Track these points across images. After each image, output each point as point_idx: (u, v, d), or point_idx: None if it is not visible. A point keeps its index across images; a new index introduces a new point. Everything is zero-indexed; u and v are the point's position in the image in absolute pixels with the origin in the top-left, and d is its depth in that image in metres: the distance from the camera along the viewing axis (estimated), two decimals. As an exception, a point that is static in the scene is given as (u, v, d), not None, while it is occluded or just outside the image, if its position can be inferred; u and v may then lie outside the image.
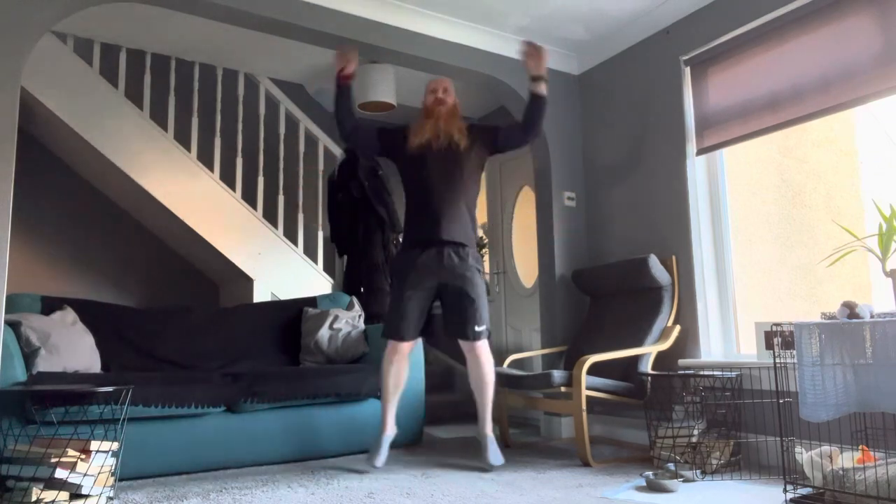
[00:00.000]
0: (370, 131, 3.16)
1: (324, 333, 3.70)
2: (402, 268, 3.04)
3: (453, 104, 3.12)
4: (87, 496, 2.26)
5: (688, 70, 3.61)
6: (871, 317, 2.15)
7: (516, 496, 2.44)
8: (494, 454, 2.93)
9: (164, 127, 4.37)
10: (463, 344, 3.00)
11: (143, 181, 4.09)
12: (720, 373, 2.96)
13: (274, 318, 3.87)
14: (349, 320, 3.81)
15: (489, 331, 3.01)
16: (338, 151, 4.88)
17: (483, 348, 2.99)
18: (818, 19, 3.00)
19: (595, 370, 3.30)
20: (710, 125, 3.47)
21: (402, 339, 2.98)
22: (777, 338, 2.38)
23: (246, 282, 4.51)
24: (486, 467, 2.91)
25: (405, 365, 3.04)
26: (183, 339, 3.60)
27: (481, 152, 3.13)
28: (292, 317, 3.89)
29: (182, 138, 4.58)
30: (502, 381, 3.38)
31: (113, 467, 2.39)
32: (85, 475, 2.25)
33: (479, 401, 3.04)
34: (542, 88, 3.04)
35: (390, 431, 3.01)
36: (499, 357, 4.98)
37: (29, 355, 2.83)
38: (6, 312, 3.07)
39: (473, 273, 2.99)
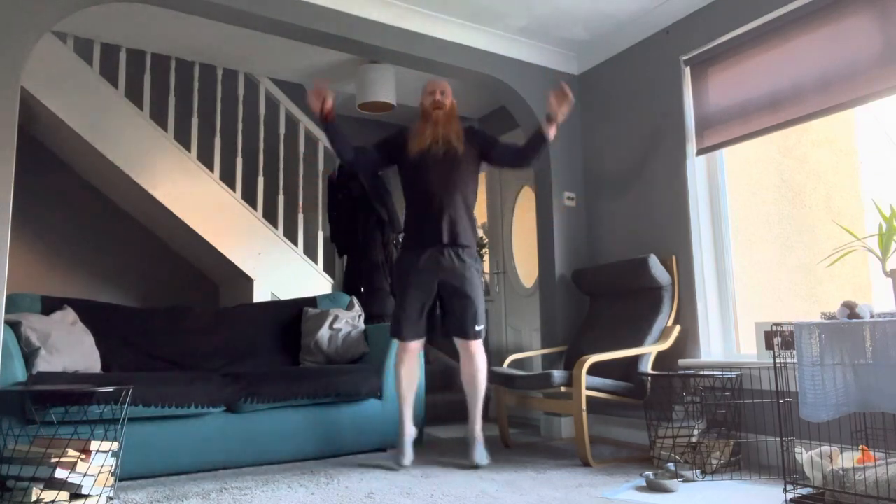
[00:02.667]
0: (369, 152, 3.18)
1: (324, 333, 3.70)
2: (404, 269, 3.08)
3: (451, 106, 3.15)
4: (87, 496, 2.26)
5: (688, 70, 3.61)
6: (871, 317, 2.15)
7: (516, 496, 2.44)
8: (481, 454, 2.99)
9: (164, 127, 4.37)
10: (459, 342, 3.05)
11: (142, 181, 4.09)
12: (720, 373, 2.96)
13: (274, 318, 3.87)
14: (349, 320, 3.81)
15: (486, 331, 3.05)
16: (338, 151, 4.87)
17: (478, 347, 3.05)
18: (818, 19, 3.00)
19: (595, 370, 3.30)
20: (710, 125, 3.46)
21: (407, 338, 3.03)
22: (777, 338, 2.38)
23: (246, 282, 4.50)
24: (470, 464, 2.97)
25: (416, 364, 3.10)
26: (183, 339, 3.60)
27: (477, 156, 3.17)
28: (292, 317, 3.89)
29: (182, 138, 4.58)
30: (502, 380, 3.38)
31: (113, 467, 2.39)
32: (85, 475, 2.25)
33: (471, 399, 3.08)
34: (552, 132, 3.04)
35: (409, 432, 3.06)
36: (499, 357, 4.98)
37: (29, 355, 2.83)
38: (6, 312, 3.07)
39: (472, 273, 3.05)
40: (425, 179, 3.06)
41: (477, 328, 3.01)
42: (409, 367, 3.06)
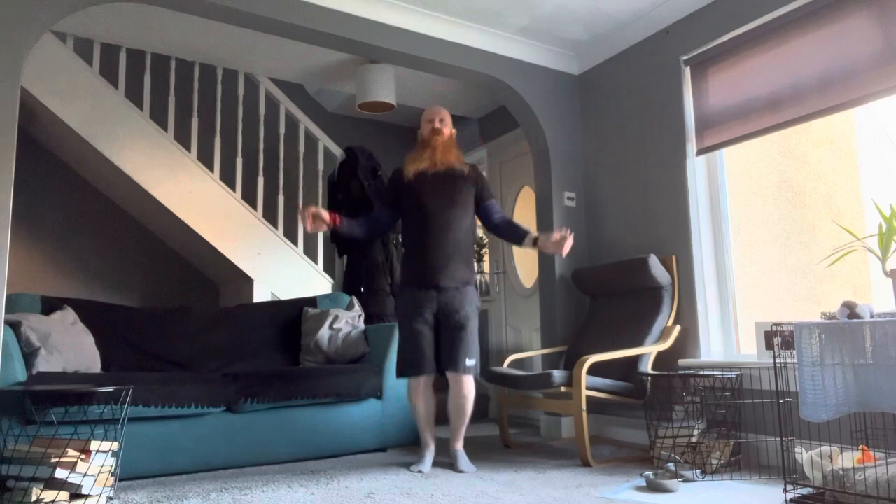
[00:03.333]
0: (380, 211, 3.18)
1: (324, 333, 3.70)
2: (405, 304, 3.04)
3: (450, 135, 3.12)
4: (87, 496, 2.26)
5: (688, 70, 3.61)
6: (871, 317, 2.15)
7: (516, 496, 2.44)
8: (465, 464, 2.96)
9: (164, 127, 4.37)
10: (451, 375, 2.98)
11: (143, 181, 4.09)
12: (720, 373, 2.96)
13: (274, 318, 3.87)
14: (349, 320, 3.81)
15: (478, 367, 3.00)
16: (338, 151, 4.88)
17: (469, 382, 2.99)
18: (818, 19, 3.00)
19: (595, 370, 3.30)
20: (710, 125, 3.47)
21: (420, 374, 2.98)
22: (777, 338, 2.38)
23: (246, 282, 4.51)
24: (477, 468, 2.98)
25: (430, 393, 3.06)
26: (183, 339, 3.60)
27: (474, 192, 3.12)
28: (292, 317, 3.89)
29: (182, 138, 4.59)
30: (502, 380, 3.38)
31: (113, 467, 2.39)
32: (85, 475, 2.25)
33: (454, 423, 3.05)
34: (535, 243, 3.00)
35: (432, 448, 3.06)
36: (499, 357, 4.98)
37: (29, 355, 2.83)
38: (6, 312, 3.07)
39: (471, 308, 3.01)
40: (423, 206, 3.01)
41: (468, 363, 2.94)
42: (426, 398, 3.04)
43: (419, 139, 3.14)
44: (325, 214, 2.89)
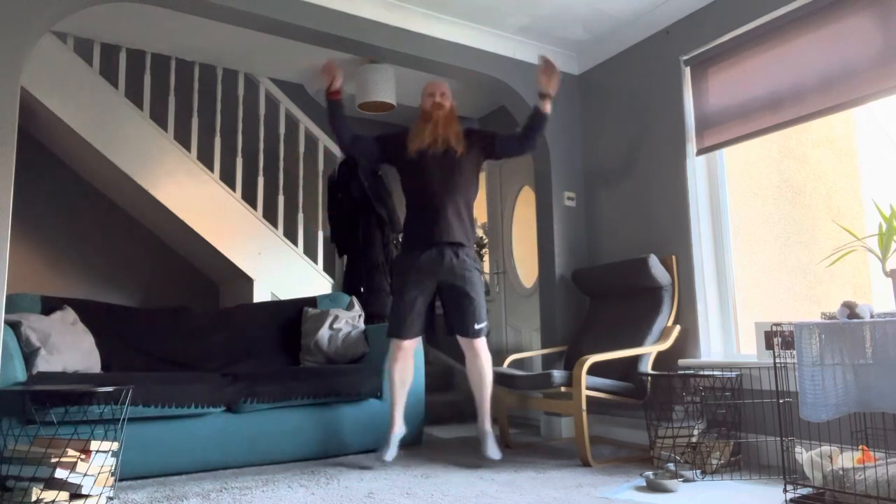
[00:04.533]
0: (368, 140, 3.21)
1: (324, 333, 3.70)
2: (402, 268, 3.11)
3: (451, 108, 3.17)
4: (87, 496, 2.26)
5: (688, 70, 3.61)
6: (871, 317, 2.15)
7: (516, 496, 2.44)
8: (492, 448, 3.03)
9: (164, 127, 4.37)
10: (462, 341, 3.08)
11: (142, 181, 4.09)
12: (720, 373, 2.96)
13: (274, 318, 3.87)
14: (349, 320, 3.81)
15: (488, 328, 3.07)
16: (338, 151, 4.88)
17: (482, 345, 3.08)
18: (818, 19, 3.00)
19: (595, 370, 3.30)
20: (710, 125, 3.47)
21: (402, 337, 3.05)
22: (777, 338, 2.38)
23: (246, 282, 4.51)
24: (481, 462, 3.02)
25: (410, 363, 3.13)
26: (183, 339, 3.60)
27: (478, 156, 3.20)
28: (292, 317, 3.89)
29: (182, 138, 4.58)
30: (502, 381, 3.38)
31: (113, 467, 2.39)
32: (85, 475, 2.25)
33: (478, 397, 3.12)
34: (548, 107, 3.12)
35: (398, 430, 3.09)
36: (499, 357, 4.98)
37: (29, 355, 2.83)
38: (6, 312, 3.07)
39: (472, 272, 3.07)
40: (424, 180, 3.09)
41: (477, 326, 3.04)
42: (402, 365, 3.09)
43: (420, 112, 3.19)
44: (338, 83, 3.03)
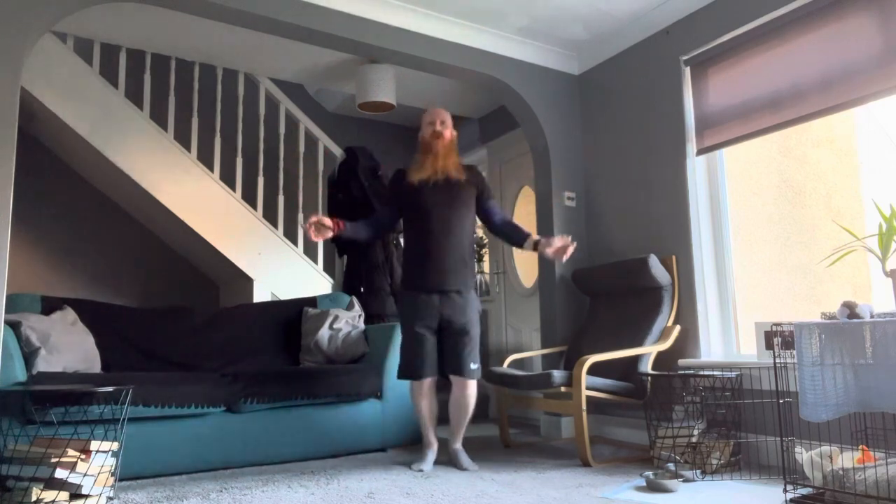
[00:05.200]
0: (384, 210, 3.24)
1: (324, 333, 3.70)
2: (407, 308, 3.05)
3: (451, 138, 3.12)
4: (87, 496, 2.26)
5: (688, 70, 3.61)
6: (871, 317, 2.15)
7: (516, 496, 2.44)
8: (467, 461, 3.00)
9: (164, 127, 4.37)
10: (455, 379, 3.01)
11: (143, 181, 4.09)
12: (720, 373, 2.96)
13: (274, 318, 3.87)
14: (349, 320, 3.81)
15: (480, 370, 3.05)
16: (338, 151, 4.88)
17: (472, 386, 3.02)
18: (818, 19, 3.00)
19: (595, 370, 3.30)
20: (710, 125, 3.47)
21: (422, 377, 3.00)
22: (777, 338, 2.38)
23: (246, 282, 4.51)
24: (481, 463, 3.02)
25: (433, 393, 3.08)
26: (183, 339, 3.60)
27: (474, 195, 3.15)
28: (292, 317, 3.89)
29: (182, 138, 4.58)
30: (502, 381, 3.38)
31: (113, 467, 2.39)
32: (85, 475, 2.25)
33: (455, 425, 3.08)
34: (538, 249, 3.12)
35: (434, 446, 3.08)
36: (499, 357, 4.98)
37: (29, 355, 2.83)
38: (6, 312, 3.07)
39: (474, 313, 3.04)
40: (425, 211, 3.04)
41: (473, 366, 2.98)
42: (428, 401, 3.06)
43: (420, 141, 3.14)
44: (328, 221, 2.92)
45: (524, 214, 4.99)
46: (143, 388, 2.77)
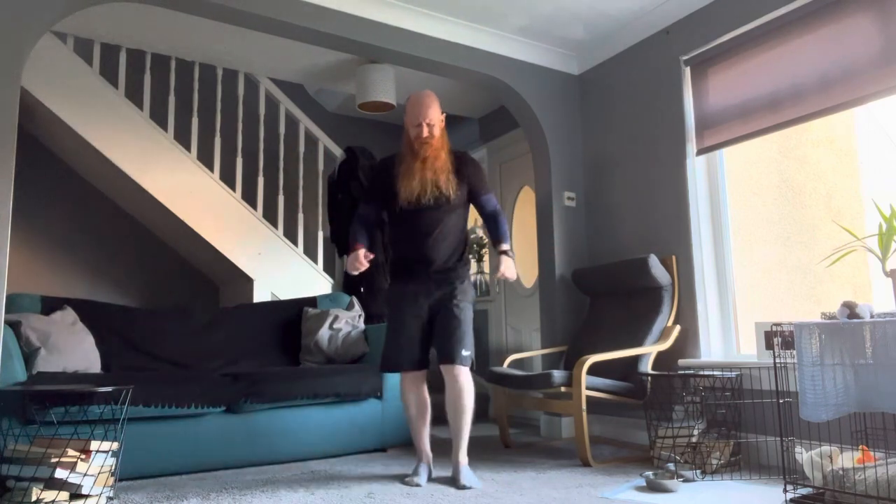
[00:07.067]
0: (366, 207, 2.96)
1: (324, 333, 3.70)
2: (394, 298, 2.89)
3: (440, 137, 2.80)
4: (87, 496, 2.26)
5: (688, 70, 3.61)
6: (871, 317, 2.15)
7: (516, 496, 2.44)
8: (468, 477, 2.67)
9: (164, 127, 4.37)
10: (445, 368, 2.74)
11: (143, 181, 4.09)
12: (720, 373, 2.96)
13: (274, 318, 3.87)
14: (349, 320, 3.81)
15: (473, 360, 2.80)
16: (338, 151, 4.88)
17: (465, 374, 2.74)
18: (818, 19, 3.00)
19: (595, 370, 3.30)
20: (710, 125, 3.47)
21: (400, 368, 2.81)
22: (777, 338, 2.38)
23: (246, 282, 4.50)
24: (458, 488, 2.65)
25: (424, 390, 2.85)
26: (183, 339, 3.60)
27: (467, 193, 2.89)
28: (292, 317, 3.89)
29: (182, 138, 4.58)
30: (502, 381, 3.38)
31: (113, 467, 2.39)
32: (85, 475, 2.25)
33: (454, 427, 2.75)
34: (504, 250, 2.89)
35: (426, 460, 2.82)
36: (499, 357, 4.98)
37: (29, 355, 2.83)
38: (6, 312, 3.07)
39: (464, 298, 2.83)
40: (413, 225, 2.82)
41: (464, 353, 2.71)
42: (417, 395, 2.82)
43: (406, 141, 2.84)
44: (363, 253, 2.79)
45: (524, 215, 4.99)
46: (143, 388, 2.77)
